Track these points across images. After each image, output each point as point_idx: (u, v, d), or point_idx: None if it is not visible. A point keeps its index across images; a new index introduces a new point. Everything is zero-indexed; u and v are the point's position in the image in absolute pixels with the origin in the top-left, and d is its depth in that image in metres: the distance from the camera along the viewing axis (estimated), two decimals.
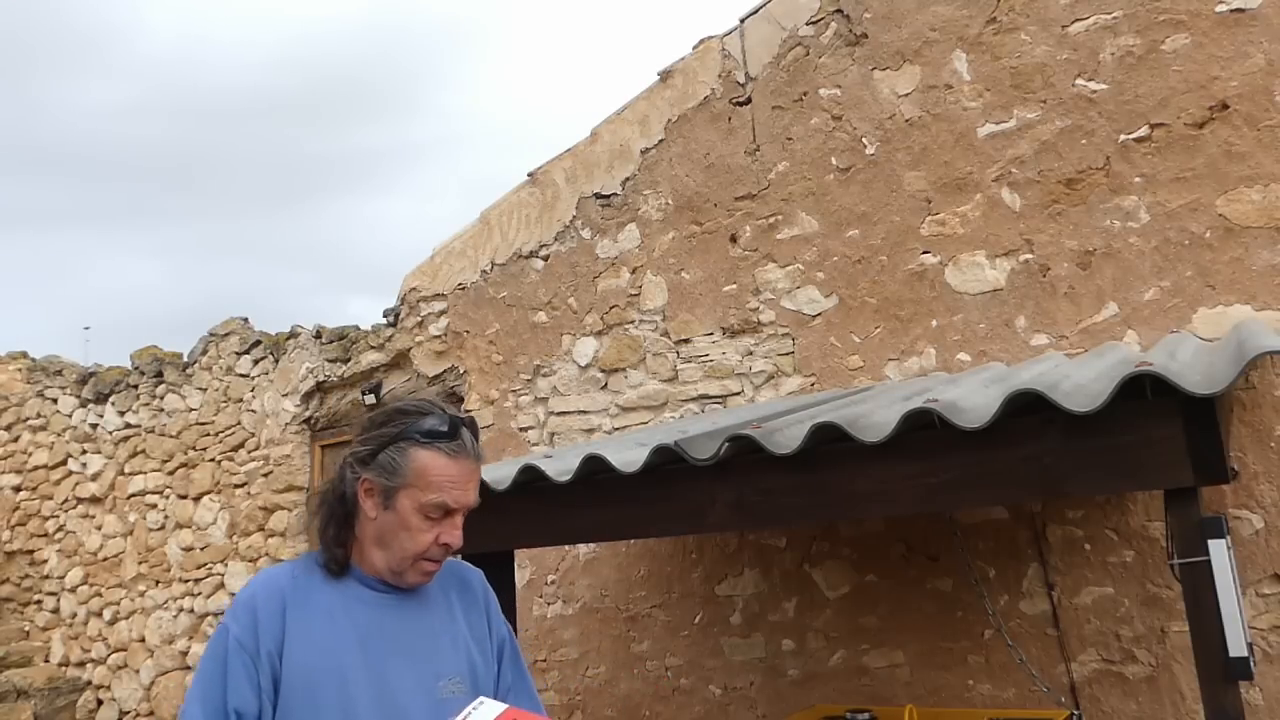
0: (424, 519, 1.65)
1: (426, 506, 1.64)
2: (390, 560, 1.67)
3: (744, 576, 4.50)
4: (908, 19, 4.32)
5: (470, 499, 1.68)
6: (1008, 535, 3.90)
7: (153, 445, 7.13)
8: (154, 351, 7.41)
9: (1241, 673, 2.26)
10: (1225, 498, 3.49)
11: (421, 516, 1.64)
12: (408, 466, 1.64)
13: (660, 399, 4.84)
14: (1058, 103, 3.96)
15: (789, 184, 4.57)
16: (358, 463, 1.67)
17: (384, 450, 1.66)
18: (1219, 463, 2.29)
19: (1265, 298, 3.54)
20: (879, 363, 4.25)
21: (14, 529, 7.81)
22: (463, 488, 1.66)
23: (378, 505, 1.66)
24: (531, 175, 5.43)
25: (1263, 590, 3.45)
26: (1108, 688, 3.66)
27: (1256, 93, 3.60)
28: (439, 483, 1.64)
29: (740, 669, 4.46)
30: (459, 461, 1.66)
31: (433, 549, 1.66)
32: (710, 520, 2.90)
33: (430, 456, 1.64)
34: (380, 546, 1.67)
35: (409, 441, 1.65)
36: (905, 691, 4.01)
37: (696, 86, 4.88)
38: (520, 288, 5.38)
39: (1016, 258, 4.01)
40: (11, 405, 7.97)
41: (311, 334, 6.45)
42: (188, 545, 6.84)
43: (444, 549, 1.67)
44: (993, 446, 2.46)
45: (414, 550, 1.65)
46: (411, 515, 1.64)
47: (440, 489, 1.64)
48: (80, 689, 7.32)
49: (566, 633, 4.98)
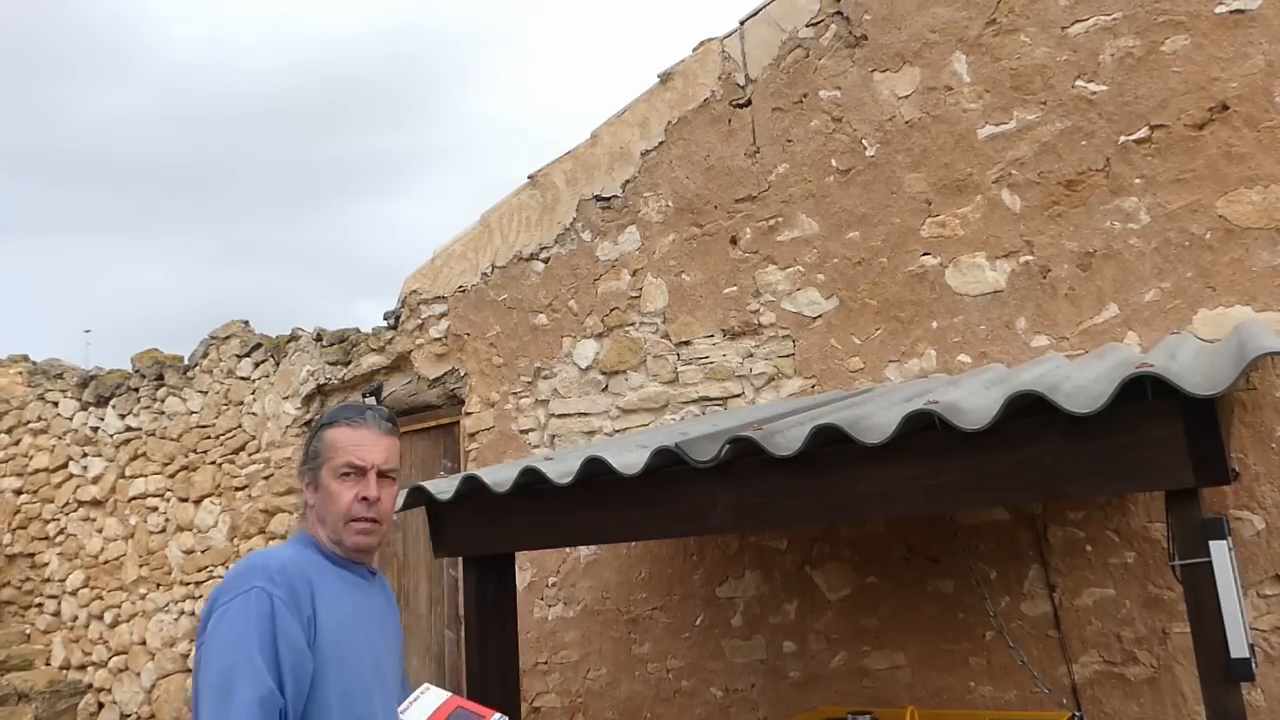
0: (340, 482, 1.91)
1: (338, 468, 1.91)
2: (328, 531, 1.91)
3: (745, 578, 4.50)
4: (907, 21, 4.32)
5: (375, 458, 1.93)
6: (1009, 537, 3.90)
7: (153, 448, 7.13)
8: (155, 354, 7.41)
9: (1243, 674, 2.26)
10: (1226, 499, 3.49)
11: (339, 480, 1.91)
12: (322, 446, 1.94)
13: (661, 401, 4.84)
14: (1058, 104, 3.96)
15: (789, 186, 4.57)
16: (299, 465, 1.99)
17: (309, 445, 1.98)
18: (1220, 464, 2.29)
19: (1266, 299, 3.54)
20: (879, 364, 4.25)
21: (15, 532, 7.81)
22: (367, 448, 1.93)
23: (311, 490, 1.94)
24: (532, 178, 5.43)
25: (1264, 591, 3.44)
26: (1109, 689, 3.66)
27: (1256, 94, 3.60)
28: (344, 446, 1.93)
29: (741, 671, 4.46)
30: (359, 429, 1.95)
31: (355, 506, 1.90)
32: (711, 522, 2.90)
33: (335, 431, 1.95)
34: (321, 525, 1.92)
35: (321, 429, 1.97)
36: (907, 693, 4.01)
37: (696, 89, 4.88)
38: (520, 290, 5.38)
39: (1017, 259, 4.01)
40: (12, 408, 7.98)
41: (312, 337, 6.45)
42: (189, 548, 6.84)
43: (365, 503, 1.90)
44: (994, 448, 2.46)
45: (340, 510, 1.90)
46: (331, 482, 1.91)
47: (345, 451, 1.92)
48: (81, 692, 7.32)
49: (567, 635, 4.98)
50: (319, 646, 1.74)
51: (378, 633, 1.93)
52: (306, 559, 1.86)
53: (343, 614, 1.82)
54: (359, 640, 1.84)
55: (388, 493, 1.96)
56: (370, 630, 1.89)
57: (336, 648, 1.77)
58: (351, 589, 1.90)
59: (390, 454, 1.97)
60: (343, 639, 1.79)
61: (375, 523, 1.92)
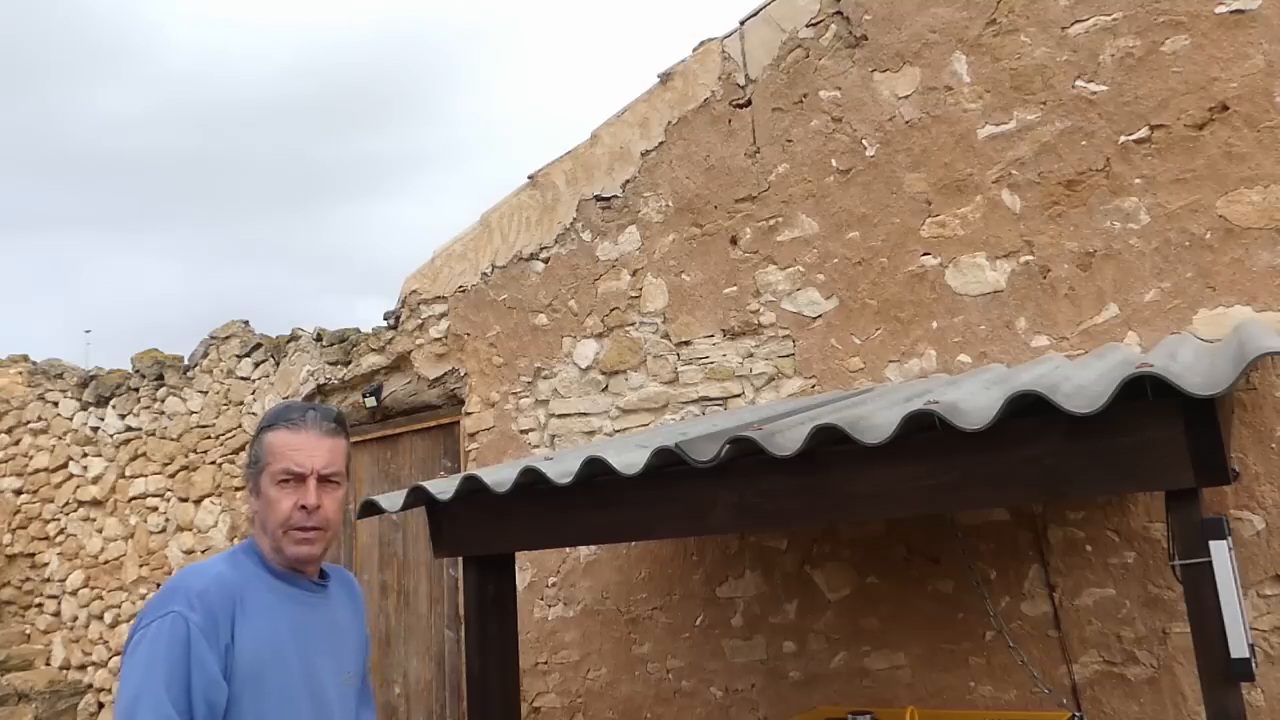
0: (279, 488, 1.82)
1: (276, 474, 1.83)
2: (269, 540, 1.84)
3: (745, 578, 4.50)
4: (907, 21, 4.32)
5: (315, 463, 1.84)
6: (1009, 537, 3.90)
7: (153, 448, 7.13)
8: (155, 354, 7.41)
9: (1243, 674, 2.26)
10: (1226, 499, 3.49)
11: (277, 487, 1.82)
12: (261, 450, 1.86)
13: (661, 401, 4.84)
14: (1058, 104, 3.96)
15: (789, 186, 4.57)
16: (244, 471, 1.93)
17: (251, 451, 1.89)
18: (1220, 464, 2.28)
19: (1266, 299, 3.54)
20: (879, 364, 4.25)
21: (15, 532, 7.81)
22: (306, 452, 1.83)
23: (253, 496, 1.86)
24: (531, 178, 5.43)
25: (1264, 591, 3.45)
26: (1109, 689, 3.66)
27: (1256, 94, 3.60)
28: (282, 451, 1.83)
29: (741, 671, 4.46)
30: (299, 432, 1.85)
31: (294, 515, 1.82)
32: (711, 522, 2.90)
33: (273, 435, 1.86)
34: (263, 531, 1.85)
35: (261, 432, 1.88)
36: (907, 693, 4.01)
37: (696, 89, 4.88)
38: (521, 290, 5.38)
39: (1017, 259, 4.01)
40: (12, 408, 7.98)
41: (312, 337, 6.45)
42: (189, 548, 6.84)
43: (304, 512, 1.82)
44: (994, 448, 2.46)
45: (278, 519, 1.82)
46: (270, 489, 1.83)
47: (284, 456, 1.83)
48: (81, 692, 7.32)
49: (567, 635, 4.98)
50: (236, 673, 1.69)
51: (321, 649, 1.85)
52: (240, 574, 1.79)
53: (270, 635, 1.75)
54: (289, 661, 1.77)
55: (331, 498, 1.86)
56: (310, 647, 1.82)
57: (257, 673, 1.71)
58: (289, 604, 1.82)
59: (333, 457, 1.87)
60: (267, 662, 1.73)
61: (318, 530, 1.83)
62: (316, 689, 1.81)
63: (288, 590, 1.84)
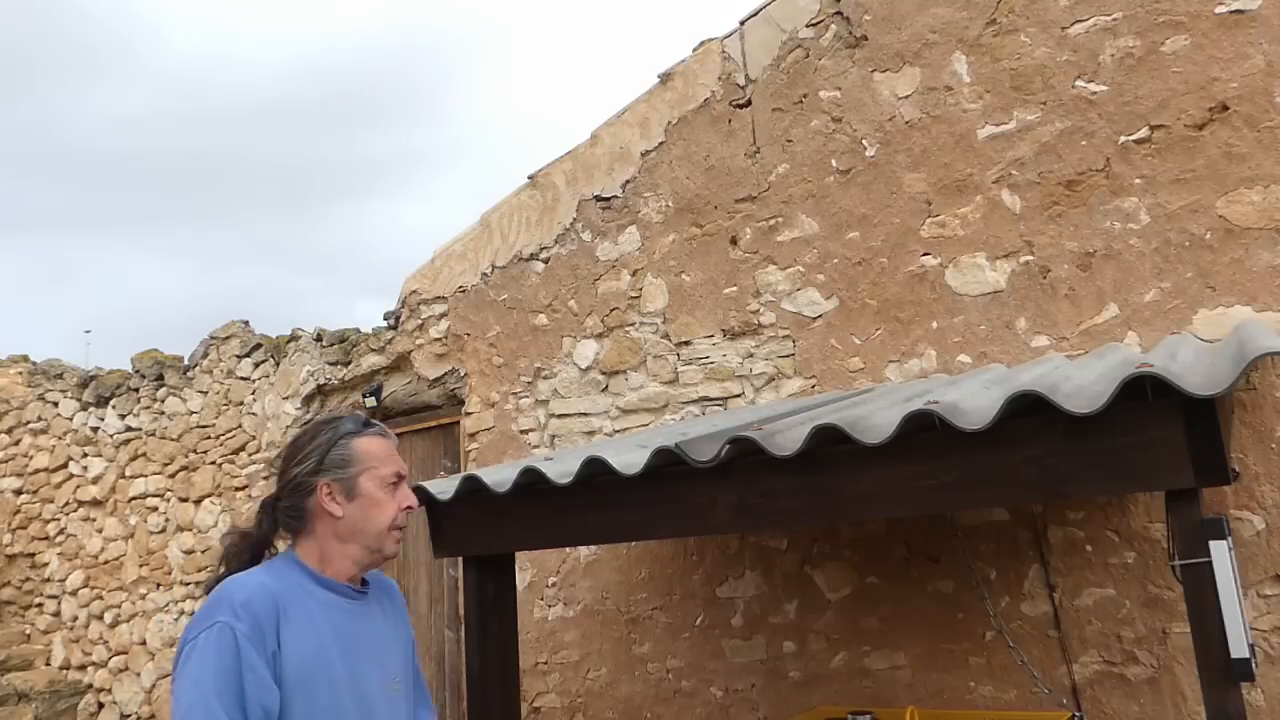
0: (385, 490, 1.90)
1: (386, 478, 1.91)
2: (366, 541, 1.88)
3: (745, 578, 4.50)
4: (907, 21, 4.32)
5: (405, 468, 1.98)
6: (1009, 537, 3.90)
7: (153, 448, 7.13)
8: (155, 355, 7.41)
9: (1243, 674, 2.26)
10: (1226, 499, 3.49)
11: (384, 489, 1.90)
12: (356, 454, 1.89)
13: (661, 401, 4.84)
14: (1058, 104, 3.96)
15: (789, 186, 4.57)
16: (308, 475, 1.87)
17: (328, 454, 1.89)
18: (1220, 464, 2.28)
19: (1266, 299, 3.54)
20: (879, 364, 4.25)
21: (15, 532, 7.81)
22: (399, 459, 1.97)
23: (342, 501, 1.87)
24: (531, 178, 5.43)
25: (1264, 591, 3.45)
26: (1109, 689, 3.66)
27: (1256, 94, 3.60)
28: (385, 457, 1.93)
29: (741, 671, 4.46)
30: (386, 440, 1.96)
31: (399, 515, 1.92)
32: (711, 522, 2.90)
33: (369, 440, 1.92)
34: (350, 539, 1.87)
35: (346, 438, 1.91)
36: (907, 693, 4.01)
37: (696, 89, 4.88)
38: (520, 290, 5.38)
39: (1017, 259, 4.01)
40: (12, 409, 7.98)
41: (312, 337, 6.45)
42: (189, 548, 6.84)
43: (406, 512, 1.93)
44: (994, 448, 2.46)
45: (387, 521, 1.89)
46: (377, 491, 1.89)
47: (390, 461, 1.93)
48: (81, 692, 7.32)
49: (567, 635, 4.98)
50: (284, 679, 1.70)
51: (366, 656, 1.86)
52: (281, 584, 1.79)
53: (314, 643, 1.76)
54: (334, 669, 1.77)
55: None
56: (354, 655, 1.83)
57: (304, 681, 1.72)
58: (333, 613, 1.82)
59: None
60: (312, 670, 1.73)
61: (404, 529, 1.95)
62: (362, 697, 1.81)
63: (331, 599, 1.84)
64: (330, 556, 1.87)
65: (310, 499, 1.87)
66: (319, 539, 1.87)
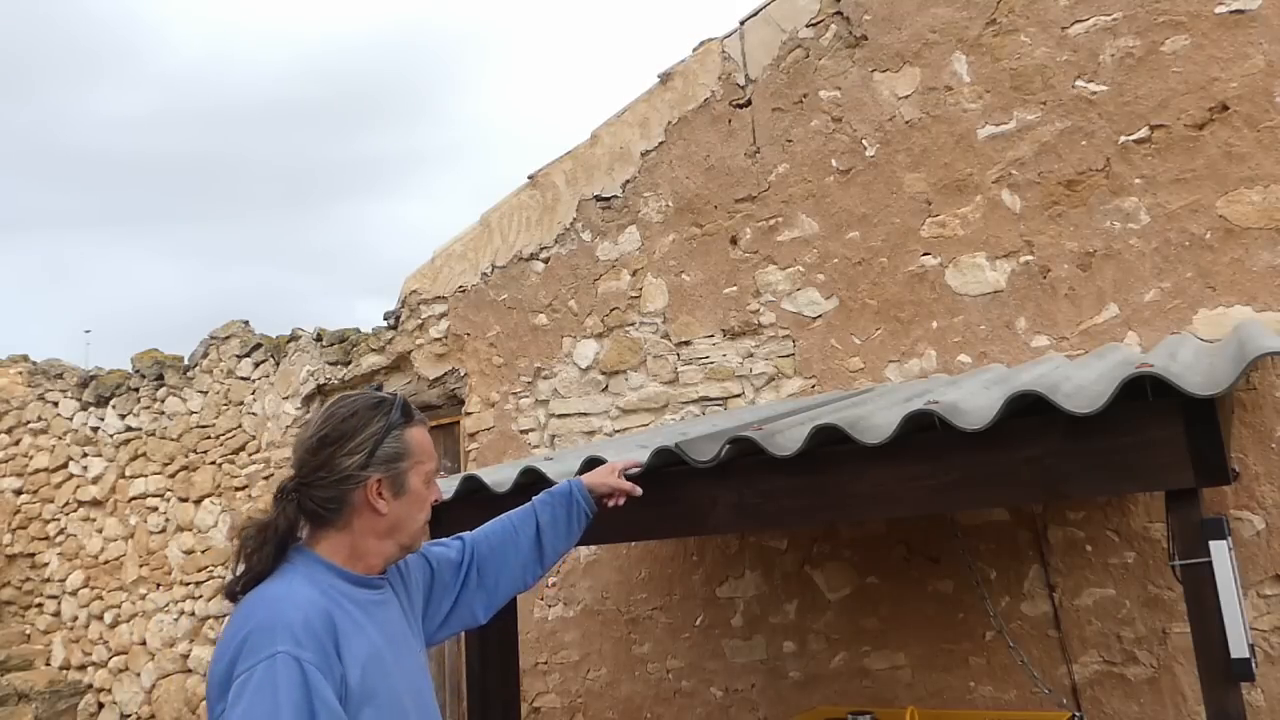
0: (427, 486, 1.79)
1: (430, 474, 1.80)
2: (403, 539, 1.77)
3: (745, 578, 4.50)
4: (907, 21, 4.32)
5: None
6: (1009, 537, 3.90)
7: (153, 448, 7.13)
8: (154, 355, 7.41)
9: (1243, 674, 2.25)
10: (1226, 499, 3.49)
11: (426, 485, 1.79)
12: (407, 447, 1.75)
13: (661, 401, 4.84)
14: (1058, 104, 3.96)
15: (789, 186, 4.57)
16: (359, 469, 1.70)
17: (380, 446, 1.72)
18: (1220, 464, 2.28)
19: (1266, 299, 3.54)
20: (879, 364, 4.25)
21: (15, 532, 7.81)
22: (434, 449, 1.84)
23: (389, 499, 1.72)
24: (531, 178, 5.43)
25: (1264, 591, 3.45)
26: (1109, 689, 3.66)
27: (1256, 94, 3.60)
28: (430, 450, 1.80)
29: (741, 671, 4.46)
30: (427, 429, 1.84)
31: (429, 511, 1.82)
32: (711, 522, 2.90)
33: (417, 432, 1.79)
34: (388, 536, 1.74)
35: (399, 427, 1.75)
36: (907, 693, 4.01)
37: (696, 89, 4.88)
38: (521, 290, 5.38)
39: (1017, 259, 4.01)
40: (12, 408, 7.98)
41: (312, 337, 6.45)
42: (189, 548, 6.84)
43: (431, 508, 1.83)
44: (993, 448, 2.46)
45: (425, 517, 1.81)
46: (421, 488, 1.78)
47: (433, 455, 1.81)
48: (81, 692, 7.32)
49: (567, 635, 4.98)
50: (349, 697, 1.55)
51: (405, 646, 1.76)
52: (326, 595, 1.63)
53: (370, 653, 1.62)
54: (391, 673, 1.66)
55: None
56: (399, 648, 1.72)
57: (370, 695, 1.59)
58: (370, 612, 1.69)
59: None
60: (374, 682, 1.61)
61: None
62: (415, 692, 1.72)
63: (365, 595, 1.71)
64: (363, 552, 1.72)
65: (356, 492, 1.69)
66: (354, 534, 1.71)
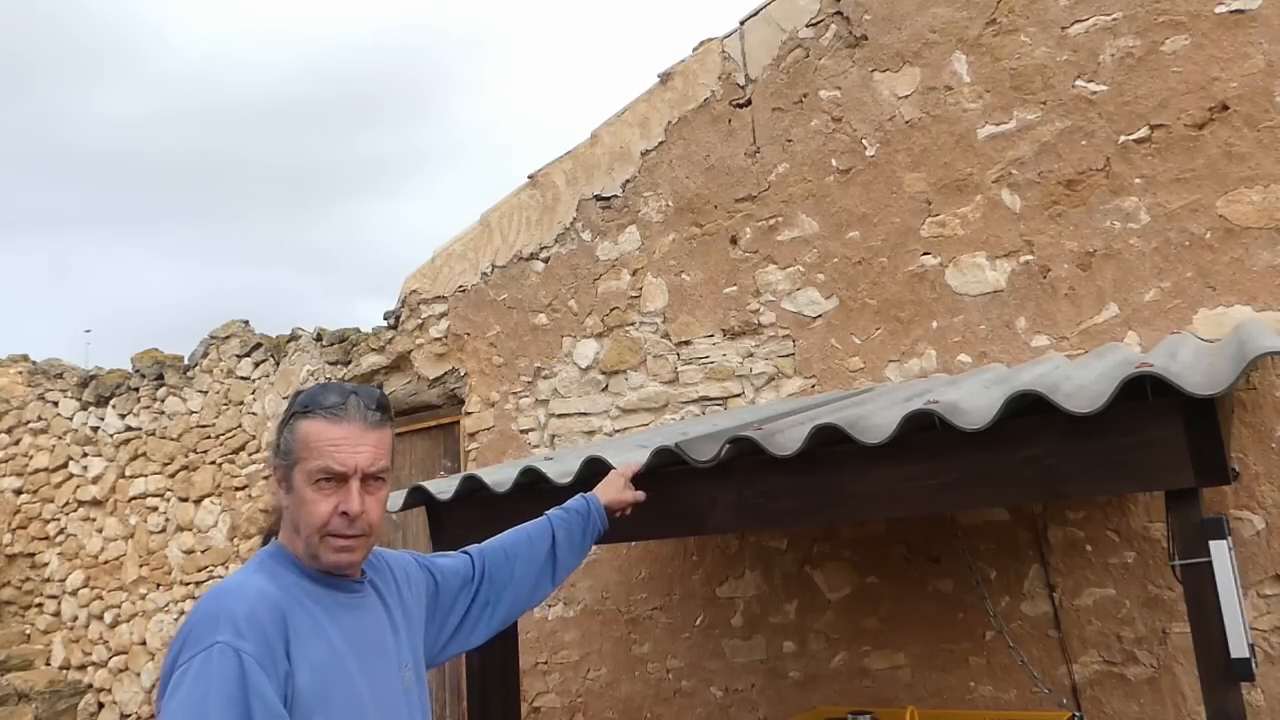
0: (316, 489, 1.59)
1: (313, 473, 1.58)
2: (302, 543, 1.61)
3: (745, 578, 4.50)
4: (907, 21, 4.32)
5: (360, 460, 1.60)
6: (1009, 537, 3.90)
7: (153, 448, 7.13)
8: (154, 354, 7.41)
9: (1243, 674, 2.26)
10: (1226, 499, 3.49)
11: (314, 487, 1.59)
12: (294, 440, 1.61)
13: (661, 401, 4.84)
14: (1058, 104, 3.96)
15: (789, 185, 4.57)
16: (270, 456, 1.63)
17: (280, 435, 1.63)
18: (1220, 464, 2.28)
19: (1266, 298, 3.54)
20: (879, 364, 4.25)
21: (15, 532, 7.81)
22: (348, 450, 1.59)
23: (283, 490, 1.62)
24: (531, 177, 5.43)
25: (1264, 591, 3.45)
26: (1109, 689, 3.66)
27: (1256, 94, 3.60)
28: (319, 447, 1.59)
29: (741, 671, 4.46)
30: (342, 425, 1.60)
31: (334, 521, 1.58)
32: (711, 522, 2.90)
33: (310, 424, 1.60)
34: (295, 532, 1.62)
35: (294, 417, 1.62)
36: (907, 693, 4.01)
37: (696, 89, 4.88)
38: (521, 290, 5.38)
39: (1017, 259, 4.01)
40: (12, 408, 7.98)
41: (312, 336, 6.45)
42: (189, 548, 6.84)
43: (345, 519, 1.59)
44: (994, 448, 2.46)
45: (315, 524, 1.58)
46: (305, 488, 1.59)
47: (321, 453, 1.58)
48: (81, 692, 7.32)
49: (567, 635, 4.98)
50: (298, 701, 1.47)
51: (376, 652, 1.65)
52: (280, 587, 1.55)
53: (326, 653, 1.54)
54: (351, 678, 1.56)
55: (375, 500, 1.64)
56: (365, 655, 1.61)
57: (321, 697, 1.50)
58: (336, 612, 1.60)
59: (378, 452, 1.64)
60: (329, 683, 1.52)
61: (360, 537, 1.62)
62: (384, 704, 1.62)
63: (331, 596, 1.61)
64: (298, 552, 1.62)
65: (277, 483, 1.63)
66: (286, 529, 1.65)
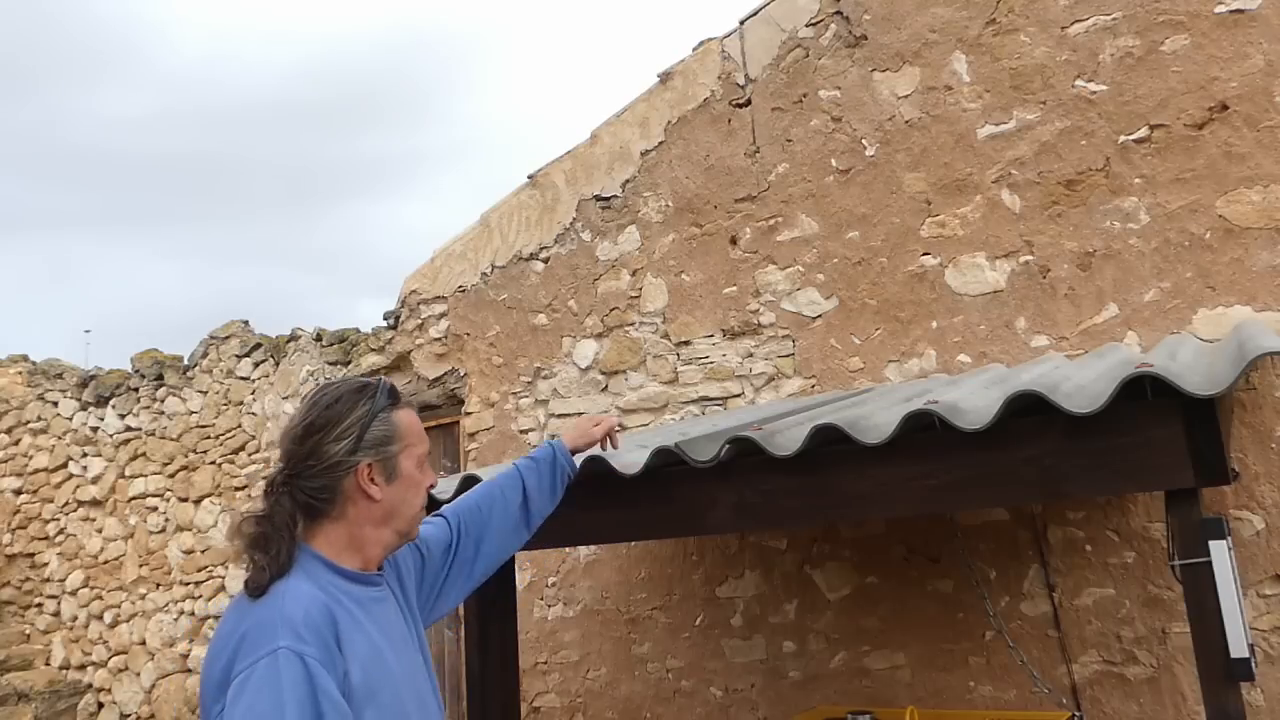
0: (420, 470, 1.75)
1: (421, 457, 1.76)
2: (400, 526, 1.73)
3: (745, 578, 4.50)
4: (907, 20, 4.32)
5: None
6: (1008, 537, 3.90)
7: (153, 448, 7.13)
8: (154, 354, 7.41)
9: (1243, 674, 2.26)
10: (1226, 499, 3.49)
11: (419, 469, 1.75)
12: (396, 430, 1.72)
13: (661, 401, 4.84)
14: (1057, 104, 3.96)
15: (789, 186, 4.57)
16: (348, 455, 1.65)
17: (368, 430, 1.68)
18: (1220, 464, 2.28)
19: (1265, 298, 3.54)
20: (879, 364, 4.25)
21: (14, 532, 7.81)
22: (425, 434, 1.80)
23: (381, 484, 1.68)
24: (531, 177, 5.43)
25: (1264, 591, 3.45)
26: (1109, 689, 3.66)
27: (1256, 93, 3.60)
28: (420, 433, 1.77)
29: (741, 671, 4.46)
30: (416, 413, 1.80)
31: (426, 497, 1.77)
32: (711, 522, 2.90)
33: (405, 414, 1.75)
34: (385, 524, 1.70)
35: (385, 410, 1.71)
36: (906, 693, 4.01)
37: (696, 88, 4.88)
38: (520, 290, 5.38)
39: (1016, 259, 4.01)
40: (12, 408, 7.97)
41: (312, 337, 6.45)
42: (188, 548, 6.84)
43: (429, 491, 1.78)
44: (993, 448, 2.46)
45: (421, 503, 1.76)
46: (414, 471, 1.74)
47: (424, 439, 1.78)
48: (81, 692, 7.32)
49: (567, 635, 4.98)
50: (352, 696, 1.51)
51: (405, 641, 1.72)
52: (325, 591, 1.58)
53: (370, 651, 1.58)
54: (392, 671, 1.62)
55: None
56: (397, 652, 1.67)
57: (372, 693, 1.55)
58: (369, 609, 1.65)
59: None
60: (376, 681, 1.57)
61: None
62: (415, 690, 1.68)
63: (363, 591, 1.66)
64: (361, 542, 1.67)
65: (346, 479, 1.64)
66: (350, 524, 1.66)
